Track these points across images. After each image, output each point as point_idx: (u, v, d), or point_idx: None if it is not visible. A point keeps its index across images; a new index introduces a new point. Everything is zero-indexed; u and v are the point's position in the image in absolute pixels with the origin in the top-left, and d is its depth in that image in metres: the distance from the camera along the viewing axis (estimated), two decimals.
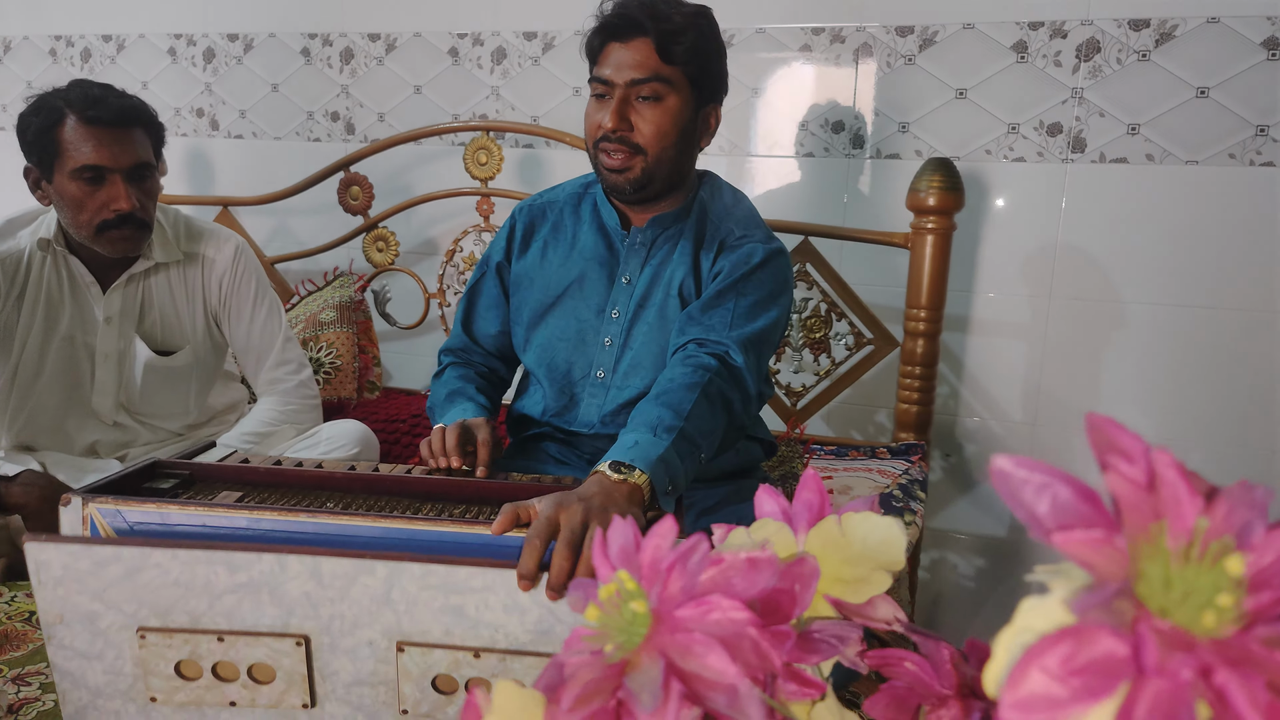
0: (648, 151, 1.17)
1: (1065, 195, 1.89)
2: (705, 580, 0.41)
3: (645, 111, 1.17)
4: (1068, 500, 0.30)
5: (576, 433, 1.28)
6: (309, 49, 2.36)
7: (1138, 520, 0.29)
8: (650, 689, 0.36)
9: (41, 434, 1.63)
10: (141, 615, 0.86)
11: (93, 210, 1.46)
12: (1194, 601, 0.28)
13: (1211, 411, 1.86)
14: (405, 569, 0.83)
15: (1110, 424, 0.31)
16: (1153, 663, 0.26)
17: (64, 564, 0.85)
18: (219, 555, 0.84)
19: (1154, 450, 0.30)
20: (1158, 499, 0.29)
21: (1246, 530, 0.28)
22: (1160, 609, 0.28)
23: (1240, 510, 0.29)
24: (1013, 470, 0.31)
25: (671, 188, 1.23)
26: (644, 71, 1.15)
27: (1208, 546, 0.28)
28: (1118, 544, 0.28)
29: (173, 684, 0.88)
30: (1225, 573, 0.28)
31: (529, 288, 1.30)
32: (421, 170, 2.29)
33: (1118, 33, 1.81)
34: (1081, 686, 0.27)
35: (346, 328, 2.07)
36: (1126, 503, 0.29)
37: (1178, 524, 0.29)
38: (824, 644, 0.47)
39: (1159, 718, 0.26)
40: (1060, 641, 0.28)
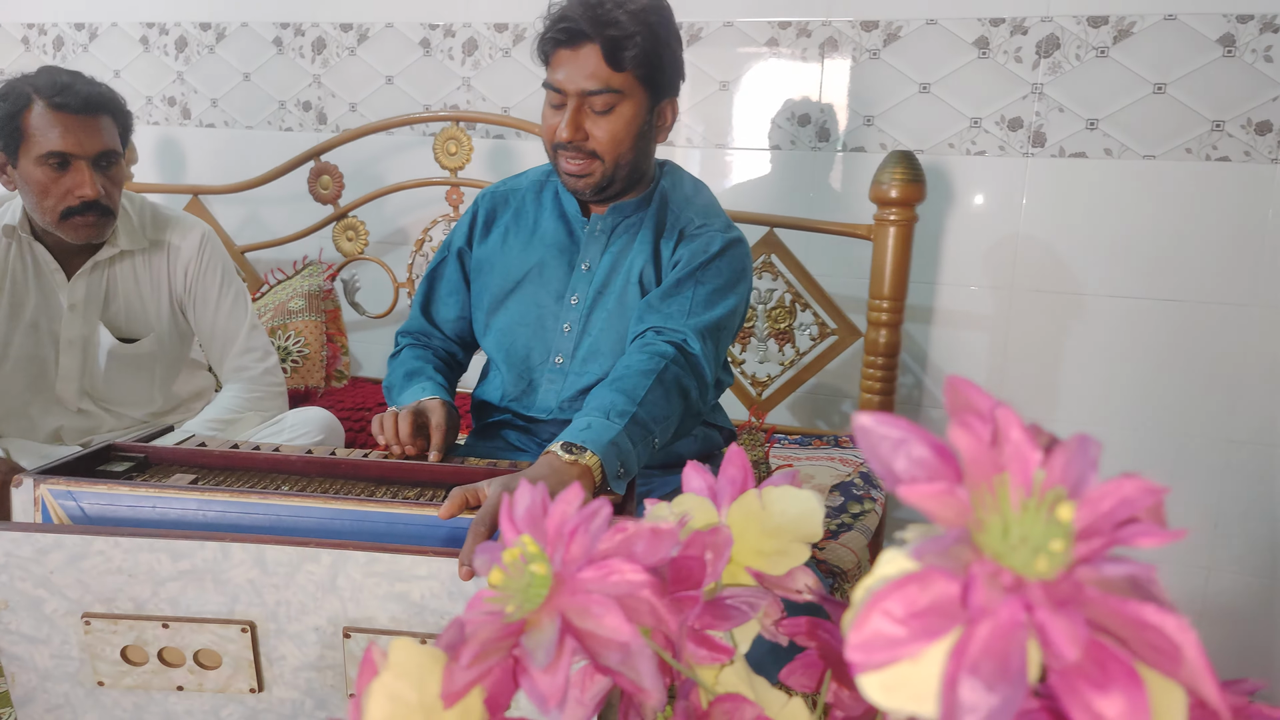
0: (604, 158, 1.18)
1: (1026, 189, 1.92)
2: (608, 546, 0.42)
3: (599, 120, 1.17)
4: (922, 455, 0.32)
5: (535, 419, 1.29)
6: (281, 39, 2.36)
7: (981, 473, 0.31)
8: (545, 646, 0.38)
9: (5, 420, 1.62)
10: (86, 601, 0.87)
11: (57, 196, 1.46)
12: (1029, 548, 0.30)
13: (1170, 401, 1.89)
14: (350, 557, 0.84)
15: (966, 384, 0.33)
16: (981, 603, 0.28)
17: (6, 550, 0.85)
18: (161, 543, 0.85)
19: (999, 408, 0.31)
20: (1001, 453, 0.31)
21: (1080, 482, 0.30)
22: (997, 555, 0.30)
23: (1076, 463, 0.31)
24: (873, 426, 0.32)
25: (632, 183, 1.25)
26: (596, 82, 1.16)
27: (1044, 496, 0.30)
28: (959, 495, 0.30)
29: (119, 669, 0.89)
30: (1058, 520, 0.30)
31: (489, 273, 1.31)
32: (392, 160, 2.30)
33: (1077, 29, 1.83)
34: (919, 627, 0.29)
35: (315, 316, 2.07)
36: (970, 457, 0.31)
37: (1018, 476, 0.31)
38: (735, 611, 0.49)
39: (990, 656, 0.28)
40: (900, 586, 0.29)
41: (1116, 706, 0.27)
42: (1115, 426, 1.93)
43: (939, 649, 0.29)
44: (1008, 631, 0.28)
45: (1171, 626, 0.28)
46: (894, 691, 0.30)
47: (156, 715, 0.90)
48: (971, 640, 0.28)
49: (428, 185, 2.12)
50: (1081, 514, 0.30)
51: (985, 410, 0.32)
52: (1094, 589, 0.29)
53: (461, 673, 0.38)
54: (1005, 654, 0.28)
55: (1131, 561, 0.30)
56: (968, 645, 0.28)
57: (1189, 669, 0.27)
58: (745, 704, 0.43)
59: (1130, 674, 0.27)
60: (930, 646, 0.29)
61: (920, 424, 1.46)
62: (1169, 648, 0.28)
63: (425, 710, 0.37)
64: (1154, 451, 1.91)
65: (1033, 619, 0.28)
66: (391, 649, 0.38)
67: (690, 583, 0.49)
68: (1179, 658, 0.28)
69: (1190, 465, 1.89)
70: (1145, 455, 1.91)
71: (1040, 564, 0.29)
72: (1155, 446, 1.91)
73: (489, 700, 0.40)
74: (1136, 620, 0.28)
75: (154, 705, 0.90)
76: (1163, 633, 0.28)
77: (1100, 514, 0.30)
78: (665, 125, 1.25)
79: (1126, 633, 0.28)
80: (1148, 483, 0.31)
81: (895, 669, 0.30)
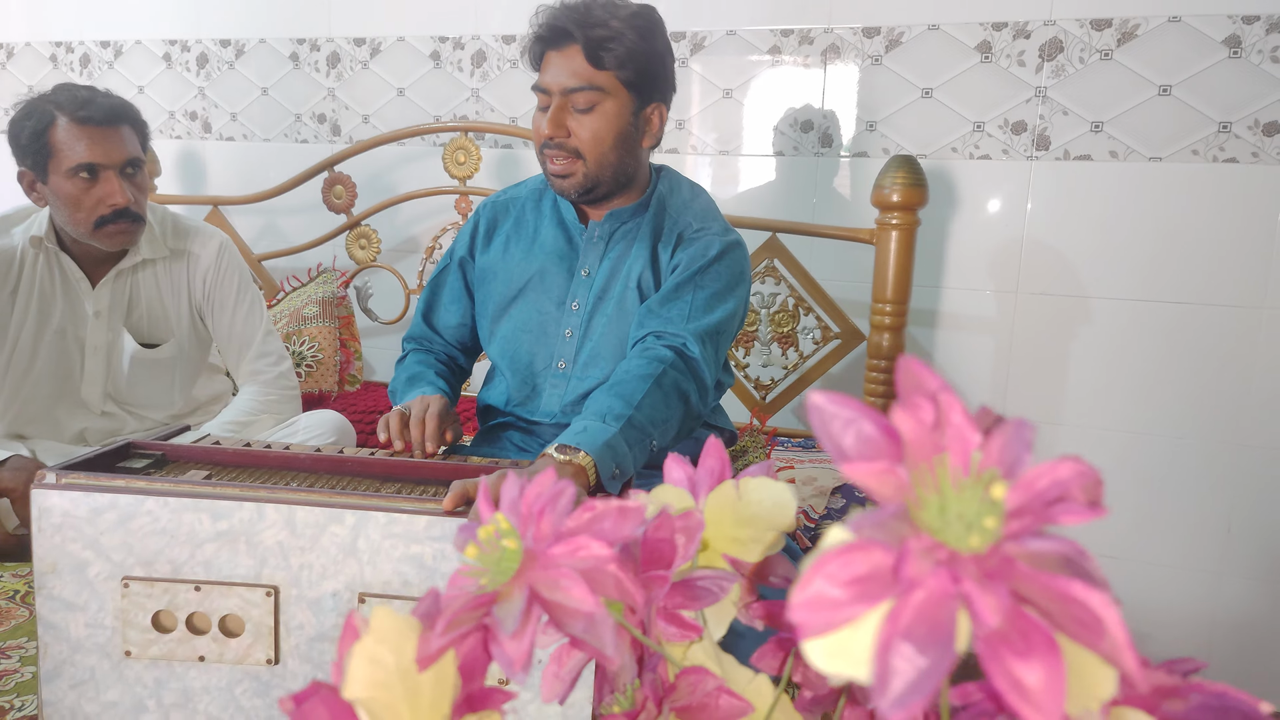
0: (587, 157, 1.21)
1: (1030, 192, 1.93)
2: (576, 524, 0.45)
3: (582, 118, 1.20)
4: (869, 434, 0.34)
5: (538, 422, 1.32)
6: (297, 54, 2.41)
7: (922, 453, 0.33)
8: (513, 615, 0.40)
9: (32, 422, 1.67)
10: (128, 564, 0.92)
11: (89, 207, 1.51)
12: (963, 524, 0.32)
13: (1178, 405, 1.90)
14: (371, 518, 0.90)
15: (918, 365, 0.35)
16: (912, 574, 0.30)
17: (64, 510, 0.91)
18: (205, 503, 0.92)
19: (942, 390, 0.34)
20: (943, 435, 0.33)
21: (1015, 463, 0.32)
22: (933, 530, 0.32)
23: (1013, 446, 0.33)
24: (825, 405, 0.35)
25: (620, 186, 1.27)
26: (577, 80, 1.19)
27: (981, 476, 0.32)
28: (899, 473, 0.32)
29: (148, 636, 0.93)
30: (991, 499, 0.32)
31: (492, 281, 1.34)
32: (403, 170, 2.34)
33: (1080, 32, 1.85)
34: (857, 593, 0.31)
35: (328, 322, 2.11)
36: (913, 437, 0.33)
37: (957, 457, 0.33)
38: (705, 591, 0.51)
39: (921, 623, 0.30)
40: (842, 554, 0.32)
41: (1035, 674, 0.29)
42: (1122, 430, 1.93)
43: (875, 614, 0.31)
44: (938, 601, 0.30)
45: (1095, 601, 0.30)
46: (835, 657, 0.32)
47: (175, 691, 0.94)
48: (904, 608, 0.30)
49: (437, 194, 2.16)
50: (1015, 493, 0.32)
51: (931, 391, 0.34)
52: (1026, 565, 0.31)
53: (435, 639, 0.40)
54: (935, 622, 0.30)
55: (1063, 539, 0.32)
56: (901, 612, 0.30)
57: (1110, 642, 0.29)
58: (709, 676, 0.45)
59: (1050, 644, 0.29)
60: (867, 612, 0.31)
61: None
62: (1092, 621, 0.30)
63: (402, 673, 0.40)
64: (1162, 455, 1.91)
65: (960, 590, 0.30)
66: (373, 616, 0.41)
67: (661, 563, 0.51)
68: (1101, 631, 0.29)
69: (1201, 469, 1.89)
70: (1153, 459, 1.92)
71: (974, 540, 0.31)
72: (1164, 450, 1.91)
73: (462, 667, 0.42)
74: (1063, 595, 0.30)
75: (174, 680, 0.94)
76: (1087, 607, 0.30)
77: (1034, 494, 0.32)
78: (653, 131, 1.27)
79: (1053, 606, 0.30)
80: (1083, 465, 0.33)
81: (836, 636, 0.32)
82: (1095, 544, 1.97)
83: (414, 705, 0.41)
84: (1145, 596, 1.94)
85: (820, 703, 0.56)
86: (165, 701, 0.96)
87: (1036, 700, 0.28)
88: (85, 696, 0.95)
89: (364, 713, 0.40)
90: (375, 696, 0.41)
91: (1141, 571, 1.95)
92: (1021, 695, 0.28)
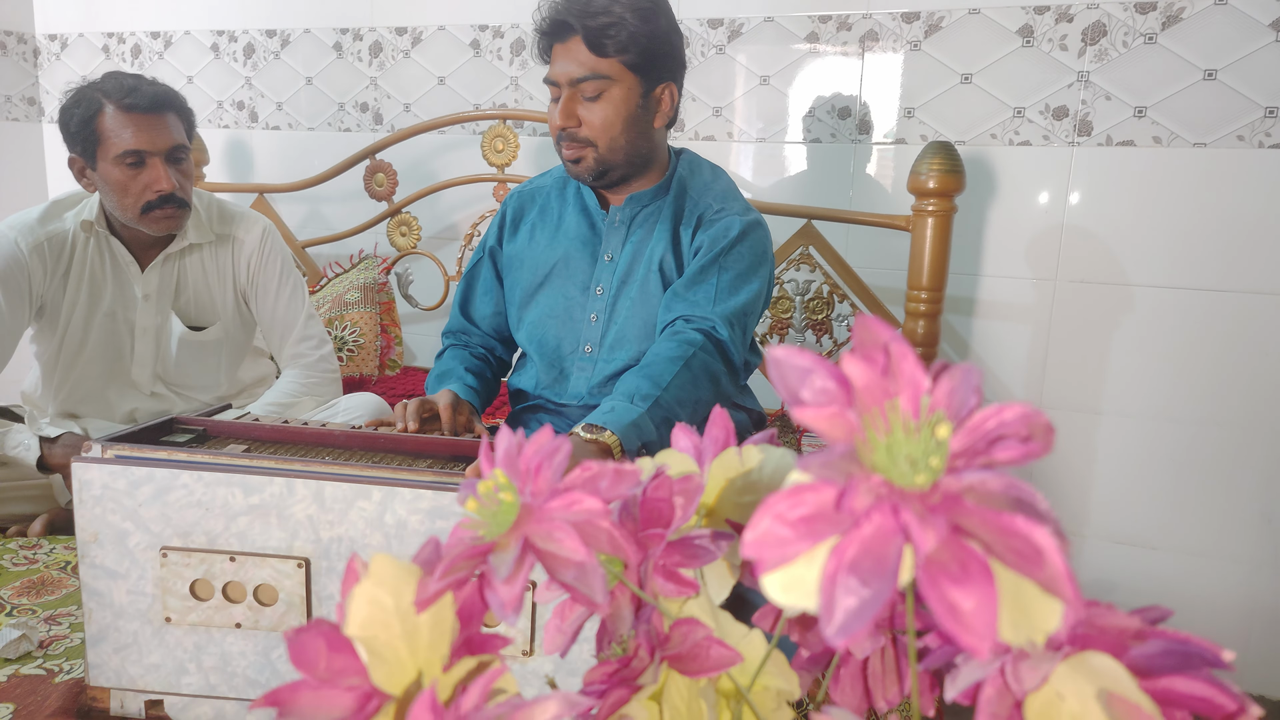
0: (598, 143, 1.23)
1: (1071, 178, 1.90)
2: (574, 481, 0.47)
3: (591, 106, 1.22)
4: (825, 385, 0.35)
5: (566, 405, 1.34)
6: (340, 44, 2.46)
7: (873, 399, 0.34)
8: (507, 562, 0.43)
9: (84, 402, 1.74)
10: (166, 535, 0.97)
11: (136, 193, 1.56)
12: (911, 464, 0.33)
13: (1221, 394, 1.86)
14: (398, 494, 0.93)
15: (876, 322, 0.36)
16: (854, 507, 0.31)
17: (104, 483, 0.95)
18: (237, 478, 0.95)
19: (894, 340, 0.35)
20: (894, 381, 0.35)
21: (961, 406, 0.34)
22: (881, 469, 0.33)
23: (960, 391, 0.34)
24: (784, 357, 0.36)
25: (636, 169, 1.29)
26: (583, 69, 1.21)
27: (929, 419, 0.34)
28: (848, 416, 0.34)
29: (186, 604, 0.97)
30: (937, 439, 0.33)
31: (519, 269, 1.37)
32: (443, 159, 2.38)
33: (1124, 15, 1.81)
34: (806, 530, 0.33)
35: (370, 308, 2.16)
36: (864, 384, 0.34)
37: (907, 402, 0.34)
38: (702, 550, 0.53)
39: (865, 556, 0.32)
40: (792, 494, 0.33)
41: (969, 599, 0.30)
42: (1162, 419, 1.90)
43: (822, 550, 0.32)
44: (882, 535, 0.32)
45: (1036, 534, 0.31)
46: (790, 590, 0.33)
47: (214, 655, 0.98)
48: (849, 542, 0.32)
49: (475, 182, 2.19)
50: (962, 435, 0.33)
51: (885, 340, 0.36)
52: (972, 502, 0.33)
53: (434, 583, 0.42)
54: (879, 555, 0.32)
55: (1009, 477, 0.33)
56: (846, 546, 0.32)
57: (1049, 571, 0.31)
58: (700, 626, 0.47)
59: (985, 572, 0.30)
60: (816, 547, 0.32)
61: None
62: (1032, 553, 0.31)
63: (401, 615, 0.42)
64: (1201, 444, 1.88)
65: (901, 521, 0.31)
66: (373, 561, 0.43)
67: (660, 522, 0.53)
68: (1041, 562, 0.31)
69: (1240, 458, 1.85)
70: (1193, 448, 1.88)
71: (920, 479, 0.33)
72: (1203, 439, 1.87)
73: (461, 612, 0.45)
74: (1005, 528, 0.31)
75: (212, 645, 0.98)
76: (1028, 539, 0.31)
77: (981, 435, 0.33)
78: (664, 111, 1.28)
79: (996, 540, 0.32)
80: (1030, 409, 0.34)
81: (791, 570, 0.34)
82: (1133, 534, 1.94)
83: (412, 645, 0.44)
84: (1181, 586, 1.91)
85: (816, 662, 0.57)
86: (205, 665, 1.00)
87: (969, 623, 0.29)
88: (129, 660, 1.00)
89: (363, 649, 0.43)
90: (375, 635, 0.43)
91: (1178, 561, 1.91)
92: (956, 619, 0.30)
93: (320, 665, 0.41)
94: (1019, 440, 0.32)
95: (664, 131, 1.30)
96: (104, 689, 1.01)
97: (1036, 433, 0.34)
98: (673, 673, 0.50)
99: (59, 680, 1.07)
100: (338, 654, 0.41)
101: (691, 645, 0.47)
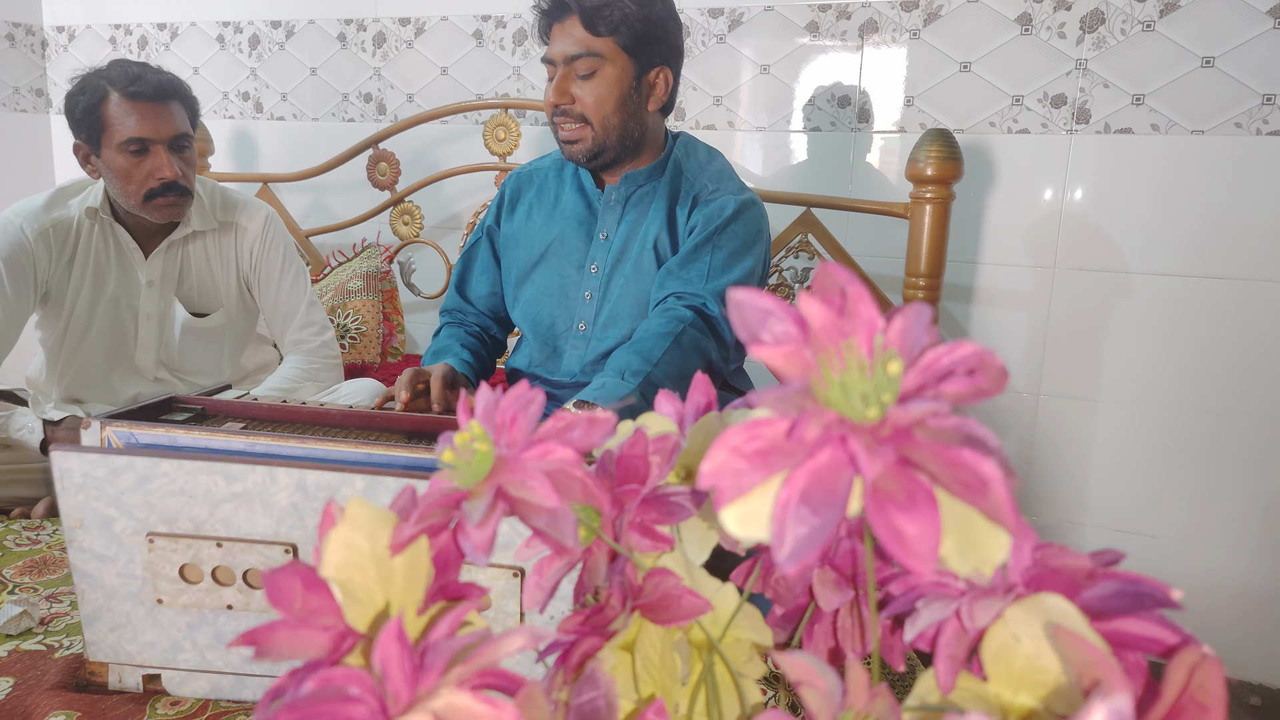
0: (592, 121, 1.25)
1: (1070, 166, 1.90)
2: (547, 432, 0.48)
3: (584, 84, 1.24)
4: (783, 324, 0.36)
5: (561, 383, 1.36)
6: (344, 34, 2.48)
7: (829, 338, 0.35)
8: (480, 508, 0.44)
9: (88, 387, 1.76)
10: (151, 521, 0.96)
11: (139, 180, 1.57)
12: (863, 400, 0.34)
13: (1217, 381, 1.86)
14: (381, 482, 0.92)
15: (835, 267, 0.37)
16: (804, 437, 0.32)
17: (84, 471, 0.95)
18: (218, 466, 0.94)
19: (851, 283, 0.36)
20: (850, 321, 0.35)
21: (914, 345, 0.35)
22: (834, 405, 0.34)
23: (913, 330, 0.35)
24: (745, 299, 0.37)
25: (629, 150, 1.30)
26: (577, 47, 1.23)
27: (883, 356, 0.35)
28: (804, 354, 0.35)
29: (177, 587, 0.98)
30: (889, 375, 0.34)
31: (516, 249, 1.38)
32: (446, 148, 2.39)
33: (1122, 3, 1.81)
34: (760, 462, 0.34)
35: (372, 296, 2.18)
36: (820, 324, 0.35)
37: (862, 341, 0.35)
38: (677, 507, 0.54)
39: (817, 487, 0.33)
40: (747, 427, 0.34)
41: (913, 524, 0.31)
42: (1160, 406, 1.90)
43: (775, 481, 0.33)
44: (832, 467, 0.33)
45: (981, 466, 0.32)
46: (746, 523, 0.34)
47: (208, 634, 0.99)
48: (800, 473, 0.33)
49: (477, 171, 2.20)
50: (915, 372, 0.34)
51: (842, 284, 0.37)
52: (923, 437, 0.33)
53: (409, 528, 0.44)
54: (829, 486, 0.33)
55: (963, 418, 0.34)
56: (797, 477, 0.33)
57: (993, 500, 0.31)
58: (670, 575, 0.48)
59: (930, 499, 0.31)
60: (768, 478, 0.33)
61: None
62: (977, 483, 0.32)
63: (377, 559, 0.43)
64: (1200, 432, 1.88)
65: (848, 450, 0.32)
66: (349, 506, 0.45)
67: (636, 479, 0.54)
68: (985, 491, 0.32)
69: (1239, 446, 1.85)
70: (1191, 436, 1.88)
71: (871, 413, 0.34)
72: (1201, 426, 1.88)
73: (436, 559, 0.46)
74: (954, 460, 0.32)
75: (206, 625, 0.99)
76: (973, 470, 0.32)
77: (933, 372, 0.34)
78: (657, 95, 1.30)
79: (943, 471, 0.32)
80: (983, 348, 0.35)
81: (747, 503, 0.35)
82: (1130, 521, 1.94)
83: (387, 588, 0.45)
84: (1179, 574, 1.91)
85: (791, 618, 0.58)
86: (200, 643, 1.00)
87: (912, 547, 0.30)
88: (124, 638, 1.00)
89: (338, 590, 0.44)
90: (350, 578, 0.44)
91: (1176, 549, 1.92)
92: (900, 543, 0.30)
93: (296, 604, 0.42)
94: (965, 374, 0.33)
95: (658, 116, 1.31)
96: (102, 664, 1.02)
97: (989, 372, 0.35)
98: (646, 624, 0.51)
99: (59, 655, 1.08)
100: (313, 594, 0.43)
101: (662, 594, 0.48)
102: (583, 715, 0.39)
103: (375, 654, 0.36)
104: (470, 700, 0.37)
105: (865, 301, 0.36)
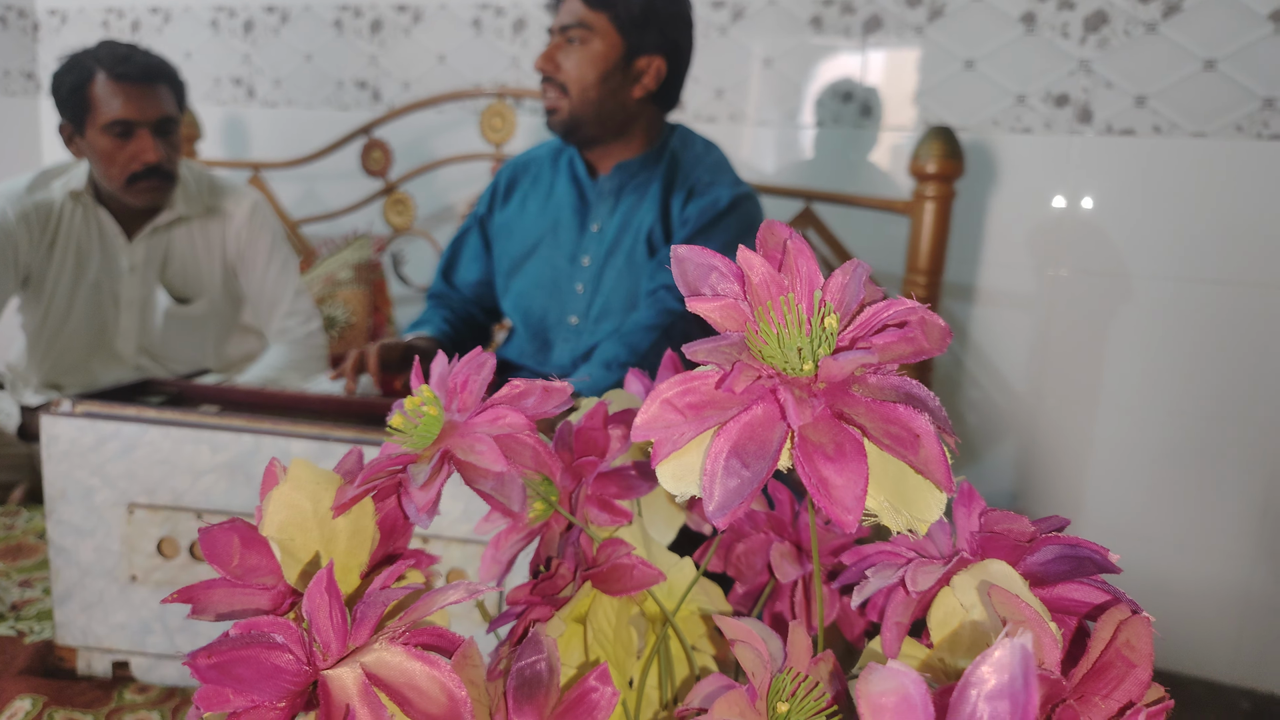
0: (570, 91, 1.24)
1: (1072, 166, 1.89)
2: (500, 398, 0.47)
3: (570, 51, 1.24)
4: (723, 280, 0.35)
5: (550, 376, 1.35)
6: (341, 20, 2.47)
7: (769, 293, 0.34)
8: (425, 471, 0.43)
9: (68, 373, 1.74)
10: (132, 492, 0.96)
11: (122, 163, 1.55)
12: (800, 354, 0.33)
13: (1219, 386, 1.84)
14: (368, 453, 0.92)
15: (778, 224, 0.36)
16: (734, 387, 0.31)
17: (71, 438, 0.95)
18: (204, 434, 0.95)
19: (792, 239, 0.35)
20: (789, 276, 0.34)
21: (851, 301, 0.34)
22: (771, 359, 0.33)
23: (851, 286, 0.34)
24: (688, 254, 0.36)
25: (607, 132, 1.29)
26: (570, 16, 1.24)
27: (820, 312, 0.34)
28: (741, 308, 0.34)
29: (152, 562, 0.97)
30: (825, 330, 0.33)
31: (508, 238, 1.37)
32: (442, 138, 2.38)
33: (1125, 4, 1.80)
34: (692, 415, 0.32)
35: (362, 287, 2.17)
36: (760, 279, 0.34)
37: (802, 297, 0.34)
38: (636, 481, 0.53)
39: (749, 440, 0.32)
40: (682, 382, 0.33)
41: (841, 475, 0.30)
42: (1161, 409, 1.89)
43: (708, 432, 0.32)
44: (766, 419, 0.32)
45: (916, 421, 0.31)
46: (680, 478, 0.33)
47: (178, 615, 0.98)
48: (732, 425, 0.32)
49: (472, 160, 2.20)
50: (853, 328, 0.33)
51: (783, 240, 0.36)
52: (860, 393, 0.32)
53: (352, 490, 0.43)
54: (763, 439, 0.32)
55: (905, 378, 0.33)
56: (728, 429, 0.32)
57: (924, 454, 0.30)
58: (622, 545, 0.46)
59: (858, 449, 0.30)
60: (702, 430, 0.32)
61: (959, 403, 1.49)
62: (909, 437, 0.31)
63: (319, 519, 0.42)
64: (1201, 436, 1.86)
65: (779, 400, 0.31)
66: (292, 466, 0.43)
67: (595, 452, 0.53)
68: (916, 445, 0.31)
69: (1239, 451, 1.84)
70: (1191, 440, 1.87)
71: (808, 367, 0.33)
72: (1202, 431, 1.86)
73: (382, 523, 0.45)
74: (887, 415, 0.31)
75: (177, 606, 0.98)
76: (907, 425, 0.31)
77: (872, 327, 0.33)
78: (644, 84, 1.28)
79: (876, 425, 0.31)
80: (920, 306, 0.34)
81: (681, 458, 0.34)
82: (1128, 524, 1.93)
83: (329, 550, 0.44)
84: (1176, 578, 1.90)
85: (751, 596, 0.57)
86: (170, 625, 0.99)
87: (837, 496, 0.29)
88: (95, 619, 0.99)
89: (278, 549, 0.43)
90: (291, 537, 0.43)
91: (1173, 553, 1.90)
92: (825, 493, 0.29)
93: (233, 562, 0.41)
94: (897, 327, 0.32)
95: (648, 105, 1.30)
96: (71, 649, 1.01)
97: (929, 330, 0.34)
98: (600, 597, 0.49)
99: (29, 641, 1.07)
100: (252, 552, 0.42)
101: (614, 564, 0.47)
102: (523, 678, 0.38)
103: (304, 604, 0.35)
104: (403, 655, 0.36)
105: (806, 257, 0.35)
